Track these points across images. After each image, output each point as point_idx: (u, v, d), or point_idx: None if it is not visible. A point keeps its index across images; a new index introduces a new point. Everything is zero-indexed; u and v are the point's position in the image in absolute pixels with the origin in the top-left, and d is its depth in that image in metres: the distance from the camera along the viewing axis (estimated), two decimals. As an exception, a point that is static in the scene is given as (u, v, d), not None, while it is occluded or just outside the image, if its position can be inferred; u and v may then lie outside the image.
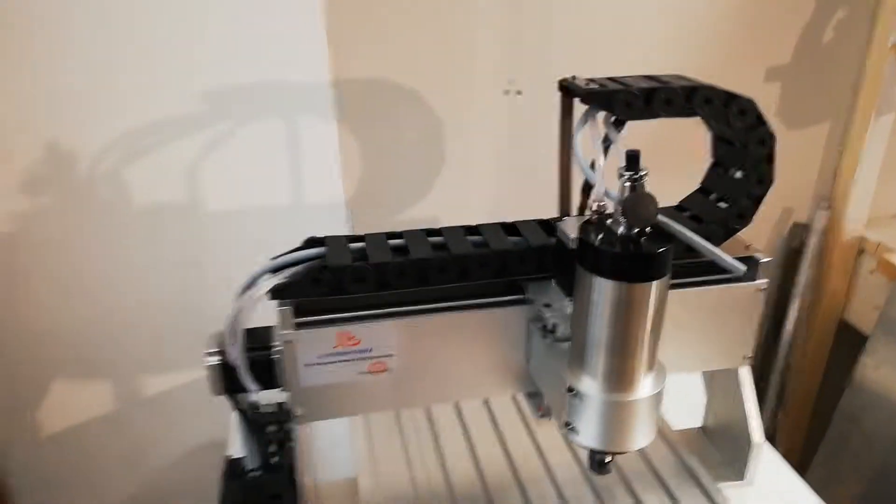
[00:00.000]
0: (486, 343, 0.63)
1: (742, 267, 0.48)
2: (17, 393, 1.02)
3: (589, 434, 0.55)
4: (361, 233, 0.62)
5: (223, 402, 1.08)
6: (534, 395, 0.67)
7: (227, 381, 0.61)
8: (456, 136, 0.96)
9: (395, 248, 0.61)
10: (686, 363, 0.67)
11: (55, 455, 1.07)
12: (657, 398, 0.54)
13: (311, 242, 0.62)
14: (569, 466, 0.72)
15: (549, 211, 0.68)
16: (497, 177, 0.99)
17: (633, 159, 0.48)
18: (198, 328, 1.04)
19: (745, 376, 0.70)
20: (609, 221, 0.51)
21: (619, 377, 0.52)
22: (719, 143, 0.67)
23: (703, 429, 0.79)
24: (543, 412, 0.65)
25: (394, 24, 0.90)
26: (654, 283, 0.49)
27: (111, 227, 0.93)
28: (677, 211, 0.66)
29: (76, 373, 1.01)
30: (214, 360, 0.60)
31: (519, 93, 0.95)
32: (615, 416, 0.53)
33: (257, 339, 0.62)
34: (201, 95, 0.86)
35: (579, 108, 0.61)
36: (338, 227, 0.95)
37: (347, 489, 0.71)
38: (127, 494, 1.13)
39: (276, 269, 0.61)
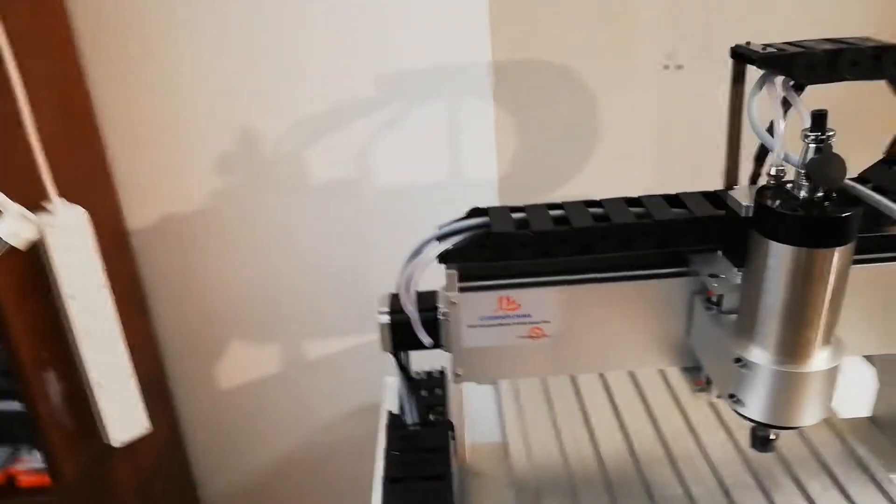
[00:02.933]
0: (644, 314, 0.63)
1: (939, 235, 0.45)
2: (200, 350, 1.14)
3: (755, 406, 0.54)
4: (514, 208, 0.64)
5: (377, 370, 1.17)
6: (691, 370, 0.66)
7: (397, 338, 0.65)
8: (610, 113, 0.96)
9: (556, 219, 0.63)
10: (856, 345, 0.63)
11: (230, 408, 1.19)
12: (832, 373, 0.52)
13: (475, 212, 0.65)
14: (723, 446, 0.70)
15: (709, 188, 0.67)
16: (653, 155, 0.98)
17: (819, 119, 0.47)
18: (358, 298, 1.12)
19: (925, 363, 0.66)
20: (789, 186, 0.50)
21: (792, 348, 0.51)
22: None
23: (872, 418, 0.74)
24: (702, 386, 0.64)
25: (551, 1, 0.91)
26: (838, 250, 0.47)
27: (290, 203, 1.02)
28: (859, 182, 0.63)
29: (251, 334, 1.13)
30: (385, 318, 0.65)
31: (679, 67, 0.93)
32: (785, 389, 0.52)
33: (423, 301, 0.66)
34: (374, 80, 0.92)
35: (751, 77, 0.60)
36: (489, 203, 0.98)
37: (498, 452, 0.73)
38: (290, 448, 1.24)
39: (442, 237, 0.64)
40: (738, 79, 0.64)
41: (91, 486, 0.92)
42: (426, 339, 0.61)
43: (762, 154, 0.61)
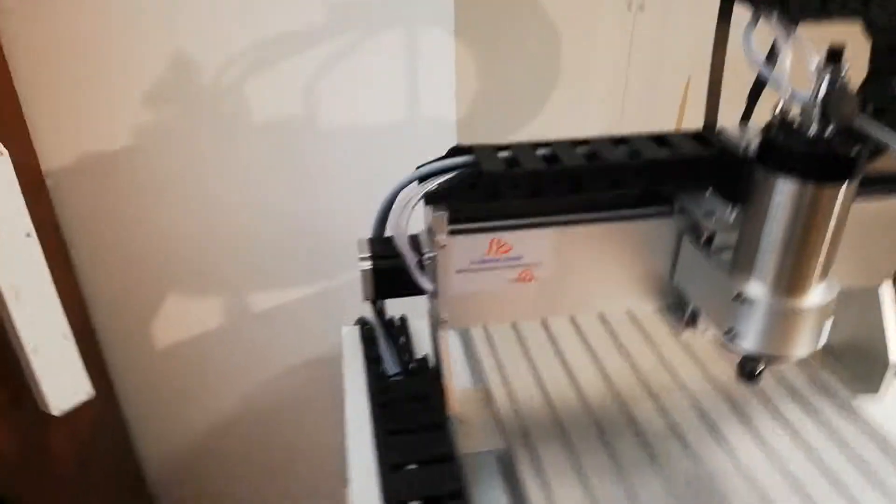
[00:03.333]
0: (631, 254, 0.63)
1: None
2: (135, 306, 1.05)
3: (752, 339, 0.55)
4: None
5: (328, 320, 1.13)
6: (673, 307, 0.67)
7: (380, 284, 0.62)
8: (574, 52, 0.93)
9: (545, 158, 0.61)
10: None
11: (168, 366, 1.11)
12: (828, 308, 0.53)
13: (458, 151, 0.62)
14: (700, 379, 0.72)
15: (668, 128, 0.66)
16: (614, 97, 0.97)
17: (835, 54, 0.46)
18: (310, 244, 1.07)
19: (886, 294, 0.69)
20: (796, 123, 0.49)
21: (792, 283, 0.52)
22: (879, 52, 0.64)
23: (825, 347, 0.78)
24: (687, 322, 0.65)
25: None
26: (845, 186, 0.48)
27: (231, 141, 0.93)
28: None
29: (192, 286, 1.05)
30: (367, 264, 0.61)
31: (641, 8, 0.91)
32: (783, 323, 0.53)
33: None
34: (323, 6, 0.84)
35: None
36: (447, 144, 0.94)
37: (478, 398, 0.72)
38: (237, 408, 1.18)
39: (423, 178, 0.61)
40: (723, 17, 0.63)
41: (26, 459, 0.85)
42: (427, 284, 0.58)
43: (757, 91, 0.60)
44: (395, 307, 0.79)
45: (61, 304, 0.80)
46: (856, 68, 0.52)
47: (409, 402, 0.61)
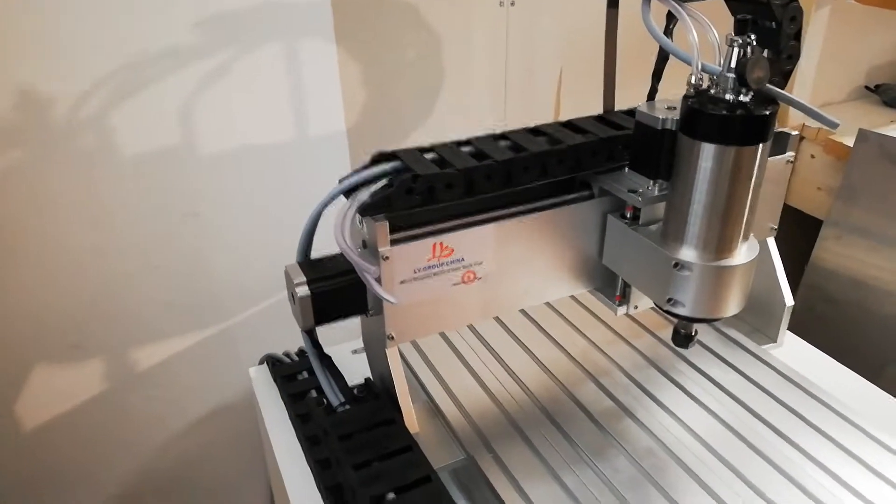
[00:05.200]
0: (563, 240, 0.64)
1: (837, 121, 0.52)
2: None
3: (692, 304, 0.58)
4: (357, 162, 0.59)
5: (218, 369, 1.03)
6: (604, 288, 0.69)
7: (321, 310, 0.57)
8: (454, 52, 0.94)
9: (472, 154, 0.60)
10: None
11: (44, 448, 0.95)
12: (753, 264, 0.57)
13: (381, 158, 0.60)
14: (627, 354, 0.75)
15: (547, 117, 0.69)
16: (497, 92, 0.98)
17: (743, 24, 0.50)
18: (193, 291, 0.97)
19: (773, 246, 0.76)
20: (712, 92, 0.53)
21: (722, 244, 0.55)
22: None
23: (725, 306, 0.85)
24: (620, 300, 0.67)
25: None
26: (761, 146, 0.52)
27: (97, 181, 0.82)
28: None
29: (62, 355, 0.90)
30: (304, 290, 0.57)
31: (512, 3, 0.94)
32: (720, 283, 0.56)
33: (325, 269, 0.59)
34: (189, 23, 0.77)
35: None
36: (339, 159, 0.91)
37: (427, 412, 0.70)
38: (129, 482, 1.04)
39: (350, 190, 0.58)
40: (612, 3, 0.67)
41: None
42: (390, 296, 0.54)
43: (659, 70, 0.64)
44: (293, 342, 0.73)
45: None
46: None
47: (369, 430, 0.57)
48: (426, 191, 0.56)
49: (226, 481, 1.12)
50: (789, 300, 0.76)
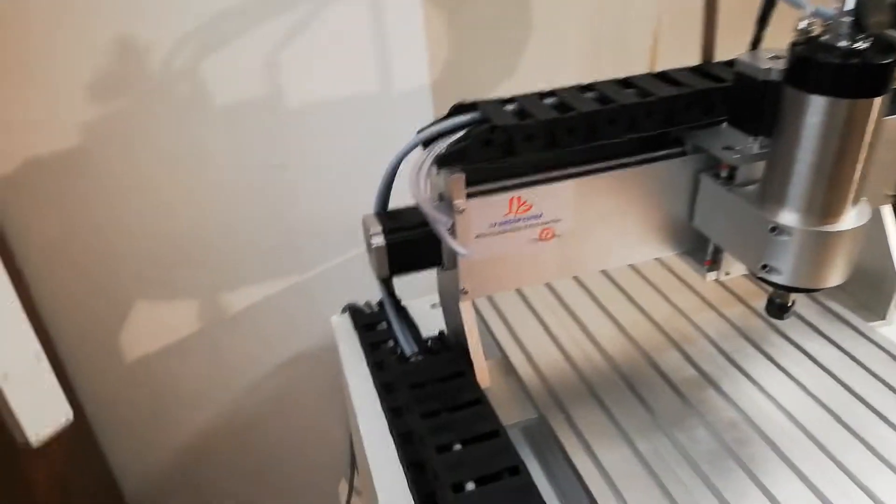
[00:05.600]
0: (649, 199, 0.61)
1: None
2: (98, 319, 0.97)
3: (789, 272, 0.54)
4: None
5: (308, 314, 1.07)
6: (694, 252, 0.65)
7: (396, 260, 0.57)
8: (544, 3, 0.90)
9: (555, 107, 0.58)
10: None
11: (140, 382, 1.03)
12: (862, 231, 0.52)
13: (460, 109, 0.58)
14: (715, 322, 0.71)
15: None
16: (586, 47, 0.94)
17: (866, -39, 0.45)
18: (282, 234, 1.00)
19: (888, 214, 0.70)
20: (824, 39, 0.48)
21: (827, 207, 0.51)
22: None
23: (829, 278, 0.79)
24: (710, 265, 0.63)
25: None
26: (879, 99, 0.47)
27: (190, 130, 0.86)
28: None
29: (157, 293, 0.97)
30: (379, 240, 0.57)
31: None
32: (821, 250, 0.52)
33: (405, 219, 0.59)
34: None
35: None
36: (423, 113, 0.90)
37: (500, 369, 0.69)
38: (219, 414, 1.11)
39: (428, 141, 0.57)
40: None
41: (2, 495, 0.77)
42: (462, 249, 0.54)
43: (765, 16, 0.59)
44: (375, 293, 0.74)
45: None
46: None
47: (439, 381, 0.58)
48: (504, 143, 0.54)
49: (309, 423, 1.17)
50: (904, 274, 0.70)
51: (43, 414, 0.72)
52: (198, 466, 1.16)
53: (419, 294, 0.78)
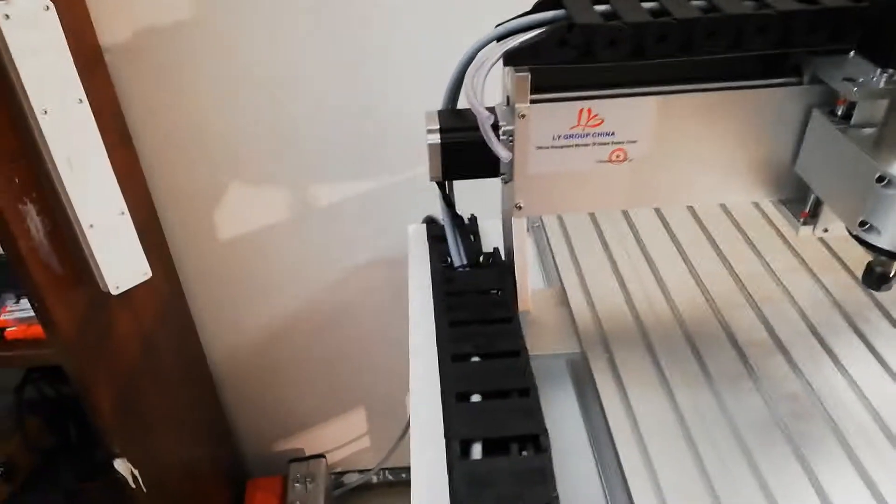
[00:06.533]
0: (748, 133, 0.53)
1: None
2: (194, 193, 1.03)
3: (892, 234, 0.45)
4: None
5: (393, 218, 1.07)
6: (792, 201, 0.57)
7: (449, 161, 0.55)
8: None
9: (652, 12, 0.51)
10: None
11: (232, 258, 1.09)
12: None
13: (545, 5, 0.53)
14: (808, 288, 0.63)
15: None
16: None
17: None
18: (369, 137, 1.00)
19: None
20: None
21: (956, 161, 0.42)
22: None
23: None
24: (806, 218, 0.55)
25: None
26: None
27: (292, 18, 0.86)
28: None
29: (250, 176, 1.00)
30: (435, 138, 0.54)
31: None
32: (940, 211, 0.43)
33: (468, 120, 0.55)
34: None
35: None
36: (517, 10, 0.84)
37: (553, 297, 0.66)
38: (300, 301, 1.16)
39: (503, 36, 0.52)
40: None
41: (89, 339, 0.84)
42: (503, 151, 0.50)
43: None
44: (467, 205, 0.72)
45: (123, 187, 0.77)
46: None
47: (477, 294, 0.55)
48: (582, 45, 0.49)
49: (381, 327, 1.20)
50: None
51: (123, 267, 0.78)
52: (276, 351, 1.23)
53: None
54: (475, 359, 0.49)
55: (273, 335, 1.21)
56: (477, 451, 0.43)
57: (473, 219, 0.80)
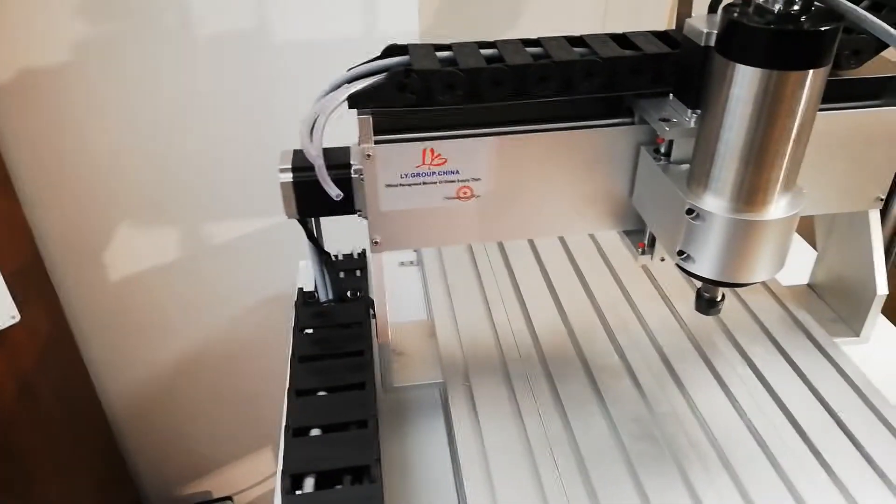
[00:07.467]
0: (585, 170, 0.56)
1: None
2: (85, 236, 1.01)
3: (707, 262, 0.48)
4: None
5: (292, 253, 1.07)
6: (632, 233, 0.60)
7: (302, 200, 0.56)
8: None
9: (489, 58, 0.54)
10: (814, 201, 0.59)
11: (121, 300, 1.07)
12: (792, 222, 0.47)
13: (393, 50, 0.56)
14: (662, 315, 0.66)
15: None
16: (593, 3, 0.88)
17: None
18: (266, 174, 1.00)
19: (875, 220, 0.62)
20: (761, 1, 0.42)
21: (752, 193, 0.45)
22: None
23: (810, 285, 0.72)
24: (643, 248, 0.58)
25: None
26: (812, 73, 0.41)
27: (176, 57, 0.87)
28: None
29: (143, 216, 0.99)
30: (287, 176, 0.56)
31: None
32: (741, 240, 0.46)
33: (333, 158, 0.56)
34: None
35: None
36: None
37: (424, 330, 0.67)
38: (193, 344, 1.14)
39: (354, 79, 0.55)
40: None
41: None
42: (332, 189, 0.52)
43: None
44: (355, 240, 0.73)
45: (2, 234, 0.76)
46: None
47: (333, 328, 0.56)
48: (421, 90, 0.51)
49: (280, 365, 1.19)
50: (882, 288, 0.62)
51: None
52: (177, 392, 1.20)
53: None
54: (322, 392, 0.49)
55: (173, 376, 1.18)
56: (309, 484, 0.43)
57: (362, 254, 0.81)
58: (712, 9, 0.53)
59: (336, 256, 0.83)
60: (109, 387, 1.17)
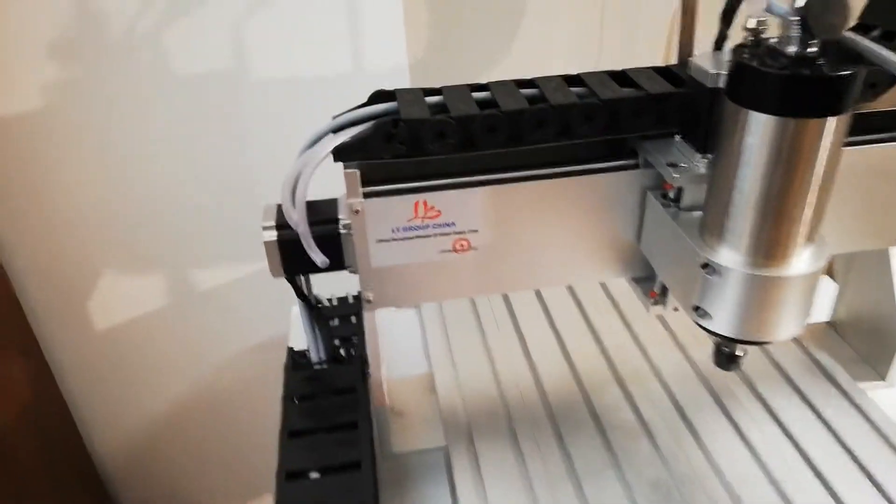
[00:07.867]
0: (588, 217, 0.53)
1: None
2: (63, 285, 0.97)
3: (725, 319, 0.45)
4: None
5: (282, 298, 1.04)
6: (642, 280, 0.57)
7: (288, 259, 0.53)
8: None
9: (481, 103, 0.51)
10: (836, 241, 0.55)
11: (107, 351, 1.03)
12: (815, 277, 0.43)
13: (379, 97, 0.52)
14: (677, 363, 0.63)
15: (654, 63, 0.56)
16: (589, 32, 0.85)
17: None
18: (252, 215, 0.97)
19: (897, 258, 0.59)
20: (773, 41, 0.39)
21: (771, 247, 0.42)
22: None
23: (831, 323, 0.68)
24: (656, 298, 0.55)
25: None
26: (833, 120, 0.37)
27: (150, 98, 0.84)
28: (859, 30, 0.52)
29: (124, 263, 0.96)
30: (271, 235, 0.52)
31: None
32: (762, 297, 0.43)
33: (320, 212, 0.53)
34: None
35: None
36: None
37: (423, 385, 0.64)
38: (183, 393, 1.10)
39: (339, 128, 0.51)
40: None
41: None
42: (318, 256, 0.48)
43: (731, 9, 0.50)
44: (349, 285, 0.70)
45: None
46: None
47: (326, 396, 0.53)
48: (411, 139, 0.48)
49: (276, 413, 1.15)
50: (910, 331, 0.59)
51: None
52: (170, 440, 1.16)
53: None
54: (314, 475, 0.46)
55: (164, 425, 1.14)
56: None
57: (357, 296, 0.78)
58: (718, 46, 0.50)
59: (330, 300, 0.80)
60: (99, 436, 1.13)
